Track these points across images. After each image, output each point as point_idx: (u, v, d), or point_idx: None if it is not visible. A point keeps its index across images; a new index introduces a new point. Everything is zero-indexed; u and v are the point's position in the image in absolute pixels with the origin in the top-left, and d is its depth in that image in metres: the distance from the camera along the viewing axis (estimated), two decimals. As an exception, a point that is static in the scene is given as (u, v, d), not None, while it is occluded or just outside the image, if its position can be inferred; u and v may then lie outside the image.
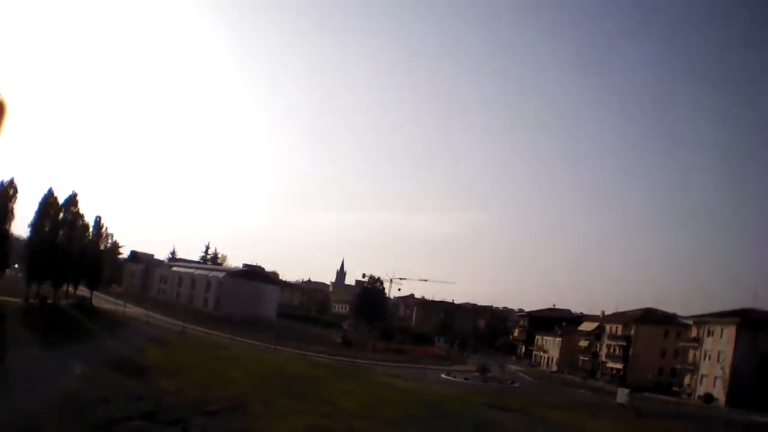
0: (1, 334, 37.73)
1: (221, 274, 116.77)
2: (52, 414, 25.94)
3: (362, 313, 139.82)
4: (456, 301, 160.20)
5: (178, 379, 37.59)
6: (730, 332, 74.56)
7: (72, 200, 69.58)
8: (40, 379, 32.32)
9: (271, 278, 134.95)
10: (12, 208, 59.49)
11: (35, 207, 65.90)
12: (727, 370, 72.17)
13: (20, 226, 68.04)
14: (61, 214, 68.28)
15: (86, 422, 25.64)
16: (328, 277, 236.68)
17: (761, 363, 70.11)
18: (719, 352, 75.10)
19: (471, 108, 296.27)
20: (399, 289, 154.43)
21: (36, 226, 65.94)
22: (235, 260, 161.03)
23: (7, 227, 59.93)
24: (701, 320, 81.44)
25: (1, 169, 60.23)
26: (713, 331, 77.88)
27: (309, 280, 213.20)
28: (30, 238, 67.80)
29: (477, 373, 75.38)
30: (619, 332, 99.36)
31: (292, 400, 36.50)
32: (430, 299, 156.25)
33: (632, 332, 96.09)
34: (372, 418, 34.55)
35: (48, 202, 66.49)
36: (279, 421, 30.00)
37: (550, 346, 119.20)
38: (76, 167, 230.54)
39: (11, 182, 59.80)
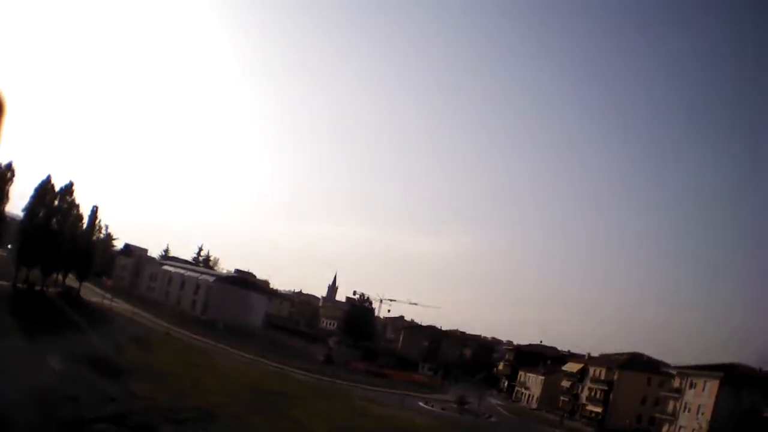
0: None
1: (211, 278, 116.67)
2: (23, 408, 26.08)
3: (350, 331, 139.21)
4: (445, 327, 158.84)
5: (154, 383, 37.74)
6: (712, 386, 73.79)
7: (68, 189, 70.08)
8: (17, 371, 32.45)
9: (261, 287, 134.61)
10: (7, 191, 60.02)
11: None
12: (705, 425, 71.54)
13: (18, 208, 68.65)
14: (56, 202, 68.75)
15: (55, 419, 25.77)
16: (320, 291, 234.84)
17: (743, 420, 69.38)
18: (699, 406, 74.25)
19: (471, 127, 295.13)
20: (389, 310, 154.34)
21: (30, 210, 66.39)
22: (227, 264, 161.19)
23: (1, 209, 60.39)
24: (684, 372, 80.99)
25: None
26: (696, 384, 77.18)
27: (300, 292, 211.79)
28: (23, 221, 68.10)
29: (455, 405, 75.18)
30: (602, 376, 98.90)
31: (262, 418, 36.59)
32: (419, 323, 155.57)
33: (615, 377, 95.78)
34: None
35: (45, 188, 67.15)
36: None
37: (533, 383, 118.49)
38: (80, 156, 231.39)
39: (9, 165, 60.59)
